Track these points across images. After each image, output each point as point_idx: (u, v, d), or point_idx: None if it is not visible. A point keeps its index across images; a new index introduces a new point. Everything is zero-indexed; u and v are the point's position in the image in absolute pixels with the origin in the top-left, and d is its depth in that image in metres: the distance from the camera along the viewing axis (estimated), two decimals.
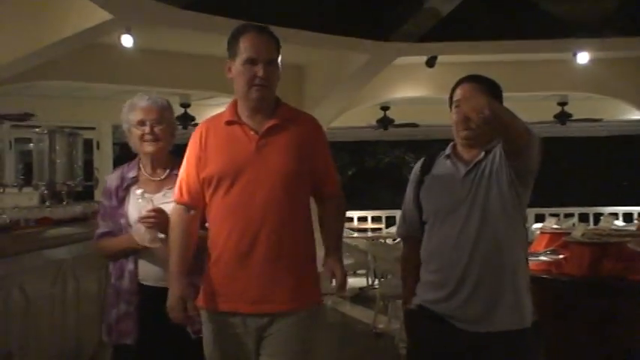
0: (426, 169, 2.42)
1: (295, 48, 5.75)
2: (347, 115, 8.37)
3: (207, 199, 2.24)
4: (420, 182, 2.41)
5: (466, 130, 2.28)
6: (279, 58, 2.23)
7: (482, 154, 2.29)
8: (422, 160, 2.48)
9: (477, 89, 2.29)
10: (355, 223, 10.20)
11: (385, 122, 9.29)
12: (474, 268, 2.20)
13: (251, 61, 2.16)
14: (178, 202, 2.31)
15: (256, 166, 2.17)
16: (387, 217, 10.70)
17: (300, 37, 5.40)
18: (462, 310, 2.22)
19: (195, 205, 2.28)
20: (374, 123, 9.34)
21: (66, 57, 5.90)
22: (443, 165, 2.37)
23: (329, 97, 7.34)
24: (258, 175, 2.16)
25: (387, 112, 9.23)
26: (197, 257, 2.28)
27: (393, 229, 9.98)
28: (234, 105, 2.27)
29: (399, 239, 8.42)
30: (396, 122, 9.33)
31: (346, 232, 9.12)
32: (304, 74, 7.89)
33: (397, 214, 10.51)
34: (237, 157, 2.19)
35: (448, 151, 2.38)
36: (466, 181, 2.27)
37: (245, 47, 2.17)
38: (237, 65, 2.19)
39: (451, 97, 2.36)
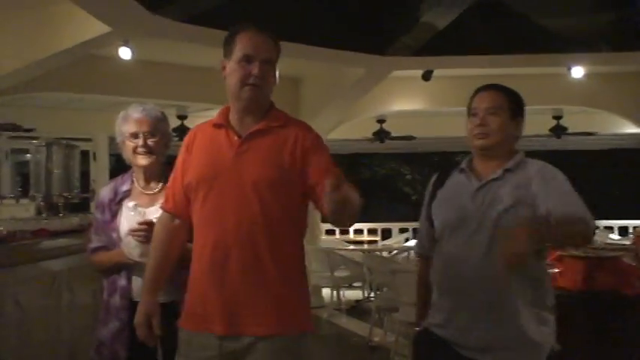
0: (439, 184, 2.25)
1: (292, 61, 5.77)
2: (343, 128, 8.38)
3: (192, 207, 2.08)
4: (432, 197, 2.25)
5: (482, 139, 2.12)
6: (277, 65, 2.07)
7: (501, 172, 2.10)
8: (436, 174, 2.32)
9: (497, 98, 2.15)
10: (351, 235, 10.19)
11: (381, 135, 9.30)
12: (474, 293, 2.03)
13: (247, 59, 1.99)
14: (164, 209, 2.18)
15: (232, 173, 1.98)
16: (383, 230, 10.66)
17: (297, 50, 5.42)
18: (463, 337, 2.07)
19: (179, 214, 2.12)
20: (370, 135, 9.36)
21: (64, 69, 5.90)
22: (456, 179, 2.21)
23: (325, 110, 7.35)
24: (233, 182, 1.98)
25: (384, 124, 9.25)
26: (185, 271, 2.09)
27: (389, 242, 9.99)
28: (226, 109, 2.11)
29: (395, 252, 8.44)
30: (393, 135, 9.34)
31: (342, 244, 9.11)
32: (300, 87, 7.92)
33: (393, 226, 10.62)
34: (216, 162, 2.02)
35: (464, 164, 2.21)
36: (477, 197, 2.09)
37: (241, 45, 2.01)
38: (231, 64, 2.02)
39: (469, 106, 2.20)
